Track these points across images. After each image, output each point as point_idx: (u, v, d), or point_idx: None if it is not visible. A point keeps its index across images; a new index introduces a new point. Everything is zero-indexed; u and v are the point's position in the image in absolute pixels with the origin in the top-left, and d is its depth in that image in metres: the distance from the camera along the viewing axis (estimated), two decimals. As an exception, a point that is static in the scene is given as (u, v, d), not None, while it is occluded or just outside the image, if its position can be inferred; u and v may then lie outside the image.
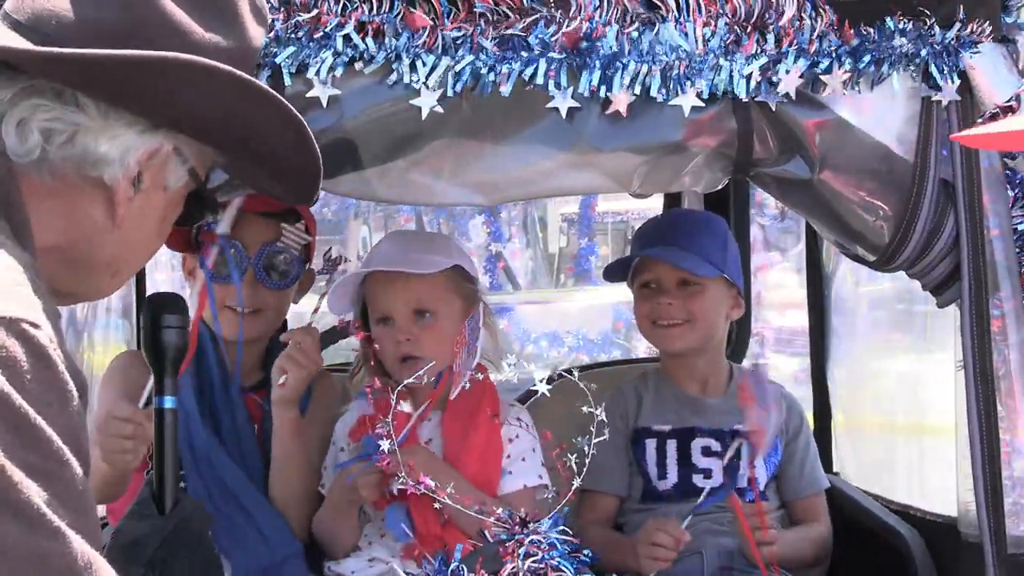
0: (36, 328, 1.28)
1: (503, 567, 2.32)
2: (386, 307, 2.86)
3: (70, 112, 1.50)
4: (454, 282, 2.88)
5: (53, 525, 1.22)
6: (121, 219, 1.58)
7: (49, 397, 1.27)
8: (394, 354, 2.81)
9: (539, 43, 2.30)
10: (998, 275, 2.51)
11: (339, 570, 2.86)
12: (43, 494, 1.22)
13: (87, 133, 1.51)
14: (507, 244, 13.18)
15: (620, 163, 2.50)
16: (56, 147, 1.50)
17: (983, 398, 2.49)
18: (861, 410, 3.86)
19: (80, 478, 1.29)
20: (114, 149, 1.53)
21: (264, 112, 1.61)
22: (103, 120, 1.51)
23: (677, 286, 3.12)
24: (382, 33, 2.27)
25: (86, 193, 1.55)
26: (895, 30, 2.42)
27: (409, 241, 3.12)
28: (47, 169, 1.51)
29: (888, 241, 2.57)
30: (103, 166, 1.53)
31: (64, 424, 1.28)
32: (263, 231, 2.93)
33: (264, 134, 1.64)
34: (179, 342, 2.00)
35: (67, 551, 1.23)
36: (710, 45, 2.37)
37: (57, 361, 1.30)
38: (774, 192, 2.68)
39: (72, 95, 1.49)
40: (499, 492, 2.79)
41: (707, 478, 3.08)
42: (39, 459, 1.23)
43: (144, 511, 1.93)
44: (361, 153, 2.39)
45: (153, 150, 1.57)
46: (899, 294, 3.78)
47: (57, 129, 1.49)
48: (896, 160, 2.51)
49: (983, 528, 2.48)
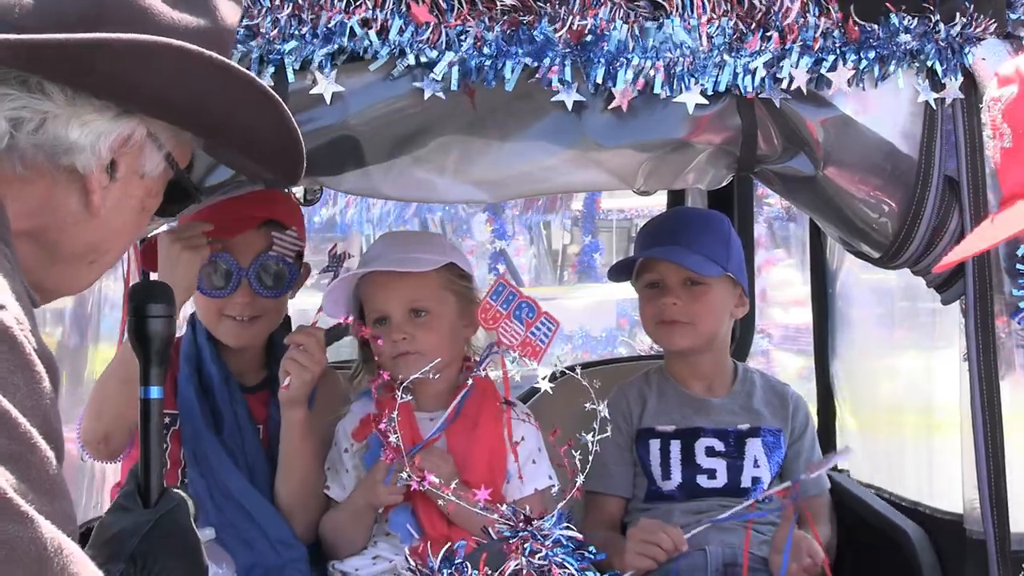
0: (1, 309, 1.26)
1: (507, 564, 2.32)
2: (381, 307, 2.87)
3: (36, 100, 1.47)
4: (448, 280, 2.89)
5: (20, 510, 1.19)
6: (96, 208, 1.55)
7: (15, 379, 1.24)
8: (390, 353, 2.82)
9: (543, 38, 2.30)
10: (1002, 272, 2.51)
11: (344, 568, 2.87)
12: (10, 478, 1.19)
13: (56, 120, 1.48)
14: (510, 242, 13.17)
15: (624, 160, 2.50)
16: (25, 135, 1.47)
17: (987, 395, 2.49)
18: (866, 406, 3.85)
19: (50, 461, 1.26)
20: (85, 136, 1.50)
21: (239, 93, 1.57)
22: (71, 107, 1.48)
23: (682, 285, 3.12)
24: (386, 29, 2.27)
25: (60, 182, 1.52)
26: (899, 27, 2.42)
27: (402, 241, 3.14)
28: (18, 158, 1.48)
29: (892, 238, 2.57)
30: (74, 154, 1.50)
31: (32, 407, 1.25)
32: (255, 241, 2.91)
33: (241, 116, 1.60)
34: (165, 331, 1.98)
35: (35, 536, 1.20)
36: (714, 42, 2.37)
37: (24, 342, 1.27)
38: (778, 189, 2.68)
39: (37, 83, 1.46)
40: (511, 498, 2.79)
41: (711, 478, 3.08)
42: (6, 442, 1.20)
43: (128, 504, 1.91)
44: (365, 149, 2.39)
45: (125, 136, 1.54)
46: (904, 290, 3.76)
47: (25, 117, 1.47)
48: (900, 157, 2.51)
49: (986, 525, 2.48)
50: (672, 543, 2.84)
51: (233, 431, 2.90)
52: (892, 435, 3.73)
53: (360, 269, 2.92)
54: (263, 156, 1.72)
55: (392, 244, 3.06)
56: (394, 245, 3.02)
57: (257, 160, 1.74)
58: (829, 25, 2.40)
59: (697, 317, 3.11)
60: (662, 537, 2.85)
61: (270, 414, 2.96)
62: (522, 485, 2.84)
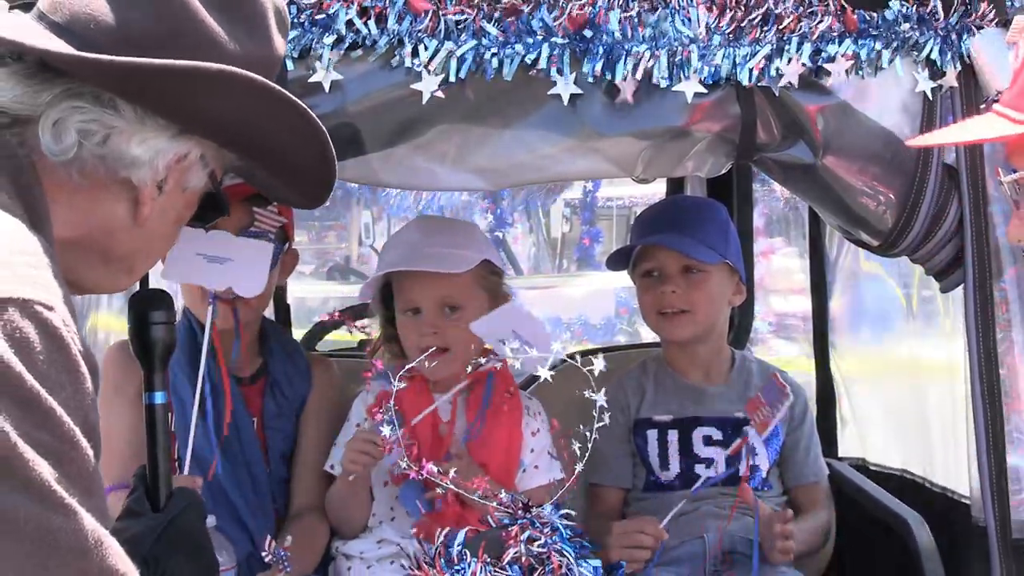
0: (50, 310, 1.30)
1: (506, 551, 2.32)
2: (414, 300, 2.86)
3: (107, 115, 1.54)
4: (482, 276, 2.89)
5: (64, 502, 1.24)
6: (144, 219, 1.62)
7: (62, 379, 1.29)
8: (417, 344, 2.82)
9: (542, 27, 2.30)
10: (1002, 260, 2.51)
11: (347, 551, 2.88)
12: (54, 472, 1.24)
13: (121, 135, 1.55)
14: (509, 230, 13.19)
15: (623, 148, 2.50)
16: (90, 147, 1.53)
17: (987, 382, 2.49)
18: (867, 393, 3.86)
19: (90, 460, 1.31)
20: (146, 152, 1.57)
21: (290, 122, 1.65)
22: (138, 124, 1.56)
23: (680, 273, 3.11)
24: (384, 17, 2.27)
25: (112, 191, 1.59)
26: (898, 15, 2.42)
27: (437, 232, 3.01)
28: (77, 167, 1.54)
29: (891, 226, 2.57)
30: (134, 168, 1.57)
31: (76, 406, 1.30)
32: (236, 217, 2.78)
33: (287, 143, 1.69)
34: (167, 338, 2.01)
35: (77, 528, 1.26)
36: (713, 31, 2.37)
37: (71, 344, 1.32)
38: (777, 177, 2.68)
39: (110, 99, 1.53)
40: (524, 488, 2.81)
41: (709, 467, 3.08)
42: (50, 438, 1.25)
43: (138, 509, 1.94)
44: (364, 138, 2.39)
45: (182, 155, 1.62)
46: (903, 278, 3.77)
47: (92, 130, 1.53)
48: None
49: (987, 512, 2.49)
50: (653, 539, 2.85)
51: (229, 423, 2.88)
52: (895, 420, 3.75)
53: (401, 266, 2.86)
54: (294, 180, 1.81)
55: (429, 233, 2.98)
56: (431, 235, 2.96)
57: (287, 183, 1.82)
58: (828, 14, 2.40)
59: (695, 305, 3.10)
60: (642, 539, 2.85)
61: (265, 405, 2.95)
62: (537, 474, 2.86)
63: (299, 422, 3.00)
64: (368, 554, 2.85)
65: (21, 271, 1.32)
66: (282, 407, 2.97)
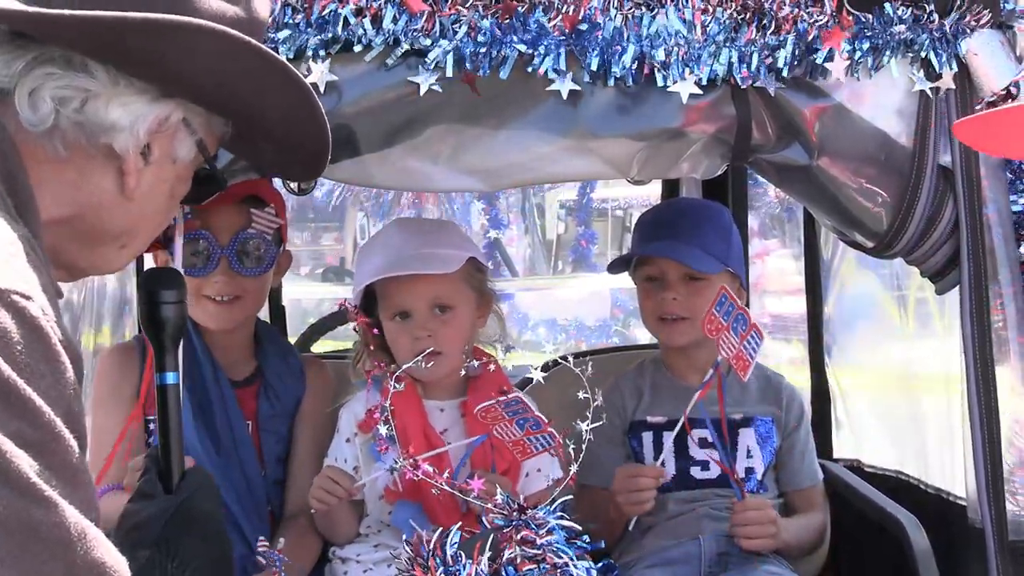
0: (28, 300, 1.28)
1: (502, 553, 2.32)
2: (404, 303, 2.83)
3: (80, 78, 1.51)
4: (469, 274, 2.87)
5: (44, 494, 1.22)
6: (131, 190, 1.59)
7: (41, 369, 1.26)
8: (411, 349, 2.79)
9: (537, 26, 2.29)
10: (997, 261, 2.51)
11: (344, 554, 2.87)
12: (34, 464, 1.22)
13: (97, 99, 1.52)
14: (505, 230, 13.16)
15: (619, 149, 2.50)
16: (67, 114, 1.51)
17: (982, 384, 2.49)
18: (862, 395, 3.86)
19: (73, 450, 1.28)
20: (124, 116, 1.54)
21: (272, 79, 1.62)
22: (113, 86, 1.53)
23: (681, 280, 3.10)
24: (380, 17, 2.26)
25: (97, 163, 1.56)
26: (894, 16, 2.42)
27: (419, 233, 2.98)
28: (59, 138, 1.52)
29: (887, 227, 2.57)
30: (114, 133, 1.54)
31: (57, 396, 1.27)
32: (233, 219, 2.84)
33: (273, 101, 1.65)
34: (177, 316, 1.97)
35: (59, 521, 1.23)
36: (709, 31, 2.36)
37: (50, 333, 1.29)
38: (772, 178, 2.68)
39: (81, 61, 1.50)
40: (531, 490, 2.80)
41: (704, 469, 3.08)
42: (30, 429, 1.22)
43: (149, 491, 1.91)
44: (359, 139, 2.39)
45: (162, 117, 1.58)
46: (899, 279, 3.77)
47: (68, 96, 1.50)
48: (895, 146, 2.51)
49: (984, 514, 2.48)
50: (653, 481, 2.89)
51: (224, 426, 2.87)
52: (890, 421, 3.75)
53: (391, 271, 2.82)
54: (288, 148, 1.76)
55: (412, 235, 2.94)
56: (415, 236, 2.92)
57: (281, 151, 1.78)
58: (824, 15, 2.40)
59: (696, 312, 3.09)
60: (644, 482, 2.89)
61: (259, 408, 2.94)
62: (539, 477, 2.85)
63: (293, 424, 2.99)
64: (364, 556, 2.85)
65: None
66: (276, 409, 2.97)
